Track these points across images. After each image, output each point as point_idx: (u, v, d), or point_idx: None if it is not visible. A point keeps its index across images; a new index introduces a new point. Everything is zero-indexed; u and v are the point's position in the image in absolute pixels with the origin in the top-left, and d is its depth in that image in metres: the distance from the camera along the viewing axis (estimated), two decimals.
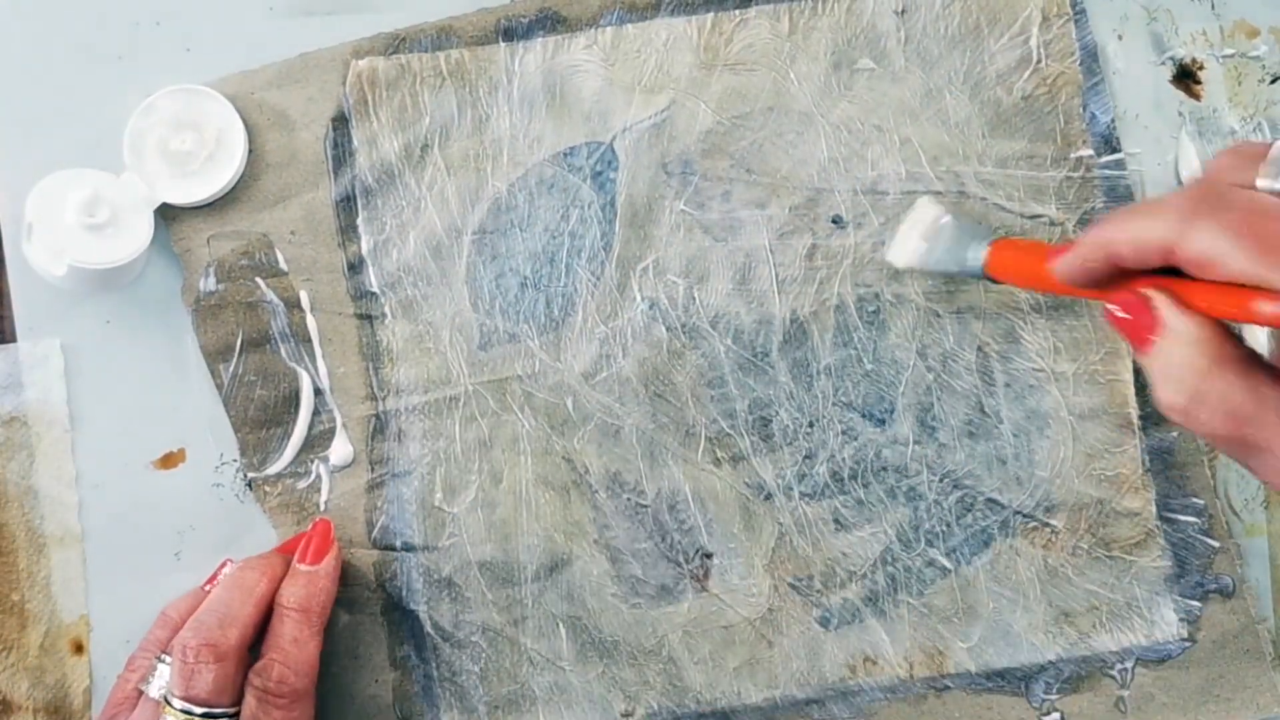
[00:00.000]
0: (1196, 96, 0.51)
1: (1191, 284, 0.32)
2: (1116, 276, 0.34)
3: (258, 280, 0.49)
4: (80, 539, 0.49)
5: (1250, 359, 0.31)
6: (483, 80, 0.50)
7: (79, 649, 0.48)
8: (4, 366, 0.49)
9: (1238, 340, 0.32)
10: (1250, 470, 0.31)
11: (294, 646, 0.43)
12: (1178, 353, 0.32)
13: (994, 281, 0.45)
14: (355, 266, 0.50)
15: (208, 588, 0.47)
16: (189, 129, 0.49)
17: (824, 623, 0.49)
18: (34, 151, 0.49)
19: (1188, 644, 0.49)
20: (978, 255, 0.44)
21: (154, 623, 0.46)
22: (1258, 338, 0.49)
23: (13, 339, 0.49)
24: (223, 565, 0.48)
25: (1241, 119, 0.51)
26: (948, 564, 0.49)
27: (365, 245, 0.50)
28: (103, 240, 0.47)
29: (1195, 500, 0.49)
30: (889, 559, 0.49)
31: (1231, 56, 0.51)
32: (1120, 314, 0.34)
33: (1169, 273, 0.33)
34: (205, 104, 0.49)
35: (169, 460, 0.49)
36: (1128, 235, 0.33)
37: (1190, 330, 0.32)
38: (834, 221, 0.50)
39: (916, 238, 0.47)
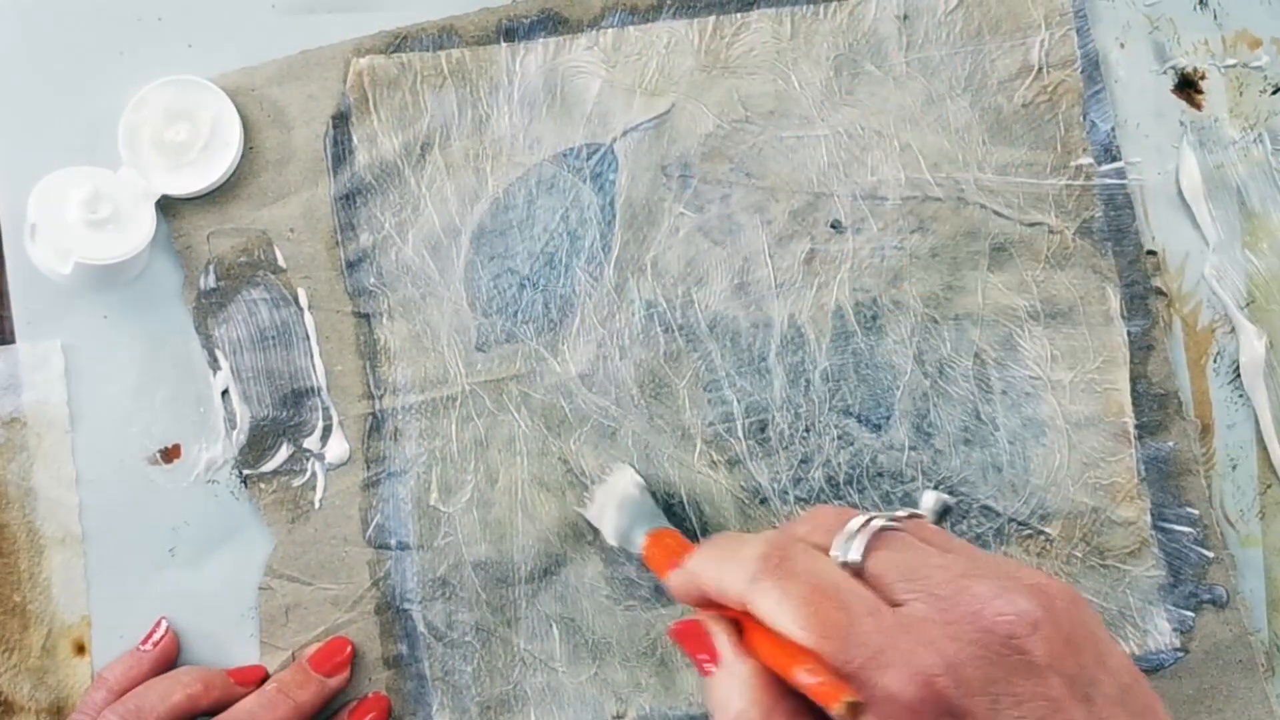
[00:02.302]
0: (1198, 106, 0.51)
1: (763, 635, 0.33)
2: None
3: (257, 277, 0.49)
4: (80, 540, 0.49)
5: (801, 711, 0.32)
6: (483, 80, 0.50)
7: (81, 650, 0.49)
8: (4, 368, 0.49)
9: (785, 690, 0.32)
10: None
11: None
12: (732, 698, 0.32)
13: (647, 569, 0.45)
14: (354, 265, 0.50)
15: (144, 647, 0.48)
16: (183, 120, 0.49)
17: None
18: (33, 150, 0.49)
19: (1180, 654, 0.49)
20: (637, 543, 0.44)
21: (92, 683, 0.47)
22: (1254, 346, 0.49)
23: (12, 340, 0.49)
24: (158, 624, 0.48)
25: (1242, 129, 0.51)
26: None
27: (364, 243, 0.50)
28: (106, 236, 0.47)
29: (1190, 510, 0.49)
30: None
31: (1233, 66, 0.51)
32: (678, 636, 0.35)
33: None
34: (198, 94, 0.49)
35: (165, 456, 0.49)
36: (711, 581, 0.34)
37: (745, 674, 0.33)
38: (833, 226, 0.50)
39: (612, 509, 0.47)
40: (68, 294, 0.49)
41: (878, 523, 0.34)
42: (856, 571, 0.33)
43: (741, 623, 0.34)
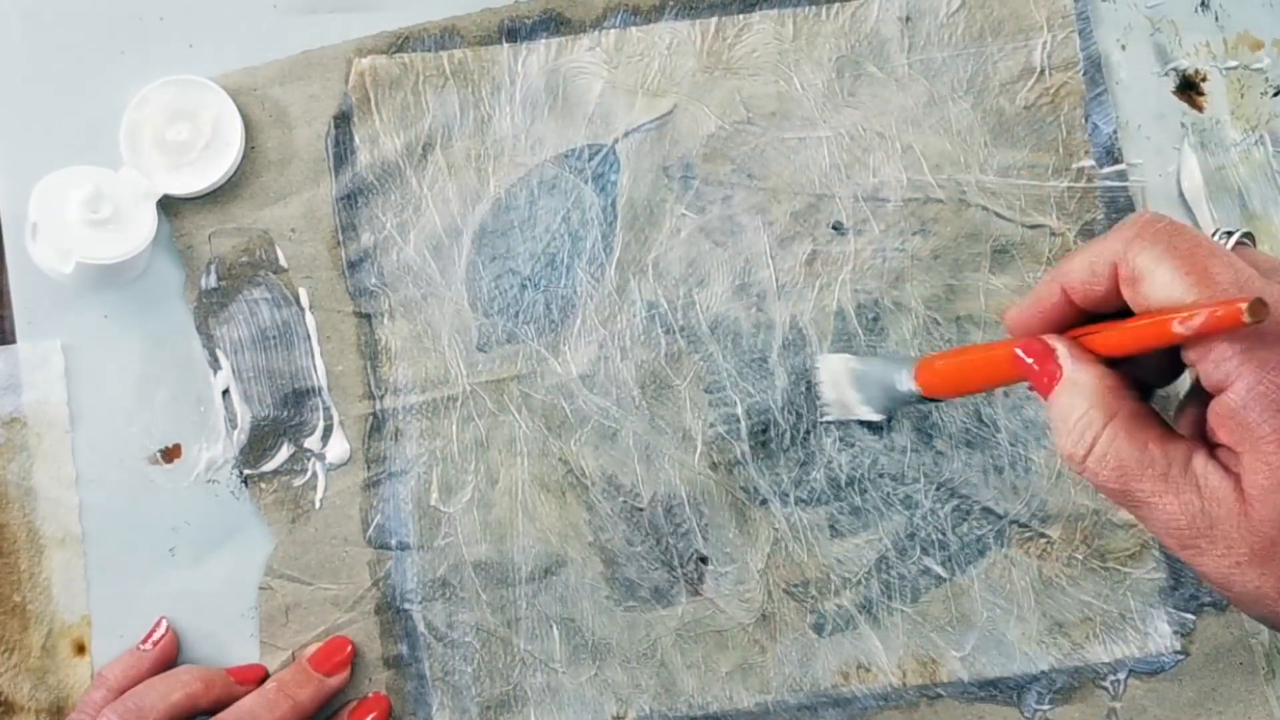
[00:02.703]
0: (1199, 108, 0.51)
1: (1110, 327, 0.33)
2: (1064, 322, 0.35)
3: (258, 277, 0.49)
4: (80, 539, 0.49)
5: (1143, 416, 0.32)
6: (485, 80, 0.50)
7: (81, 650, 0.48)
8: (4, 368, 0.49)
9: (1133, 395, 0.33)
10: (1138, 520, 0.32)
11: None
12: (1075, 405, 0.32)
13: (932, 400, 0.44)
14: (355, 265, 0.50)
15: (144, 647, 0.47)
16: (184, 119, 0.49)
17: (818, 629, 0.49)
18: (34, 150, 0.49)
19: (1181, 656, 0.49)
20: (907, 381, 0.43)
21: (92, 683, 0.47)
22: None
23: (13, 340, 0.49)
24: (158, 623, 0.48)
25: (1244, 131, 0.51)
26: (942, 572, 0.49)
27: (365, 243, 0.50)
28: (108, 235, 0.47)
29: None
30: (884, 566, 0.49)
31: (1234, 68, 0.51)
32: (1025, 359, 0.35)
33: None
34: (199, 94, 0.49)
35: (165, 456, 0.49)
36: (1083, 256, 0.33)
37: (1088, 382, 0.33)
38: (834, 228, 0.50)
39: (847, 391, 0.47)
40: (68, 293, 0.49)
41: (1237, 234, 0.34)
42: None
43: (1081, 340, 0.34)
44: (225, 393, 0.49)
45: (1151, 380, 0.35)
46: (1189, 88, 0.51)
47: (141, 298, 0.49)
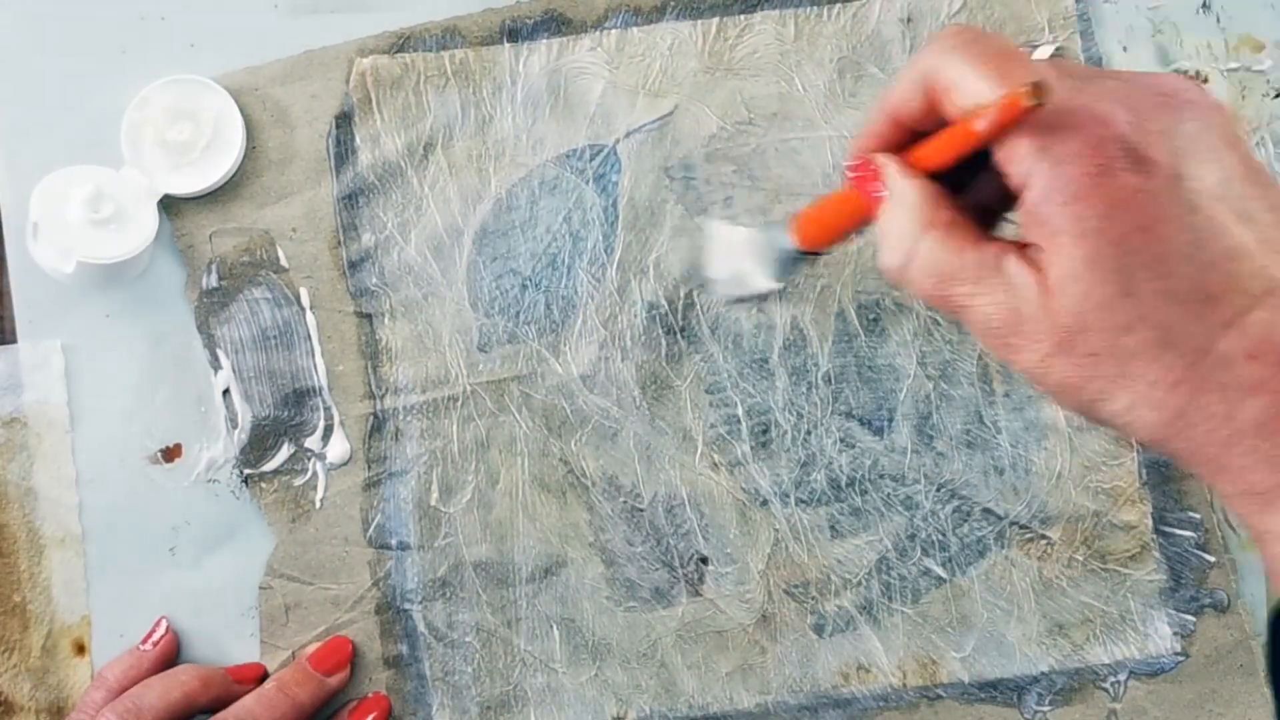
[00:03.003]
0: None
1: (927, 141, 0.34)
2: (899, 148, 0.35)
3: (259, 277, 0.49)
4: (80, 540, 0.49)
5: (959, 224, 0.33)
6: (487, 80, 0.50)
7: (81, 650, 0.48)
8: (4, 368, 0.49)
9: (953, 205, 0.33)
10: (962, 323, 0.33)
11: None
12: (897, 217, 0.33)
13: (813, 254, 0.43)
14: (356, 265, 0.50)
15: (144, 647, 0.48)
16: (185, 119, 0.49)
17: (818, 629, 0.49)
18: (35, 149, 0.49)
19: (1181, 658, 0.49)
20: (787, 239, 0.42)
21: (92, 683, 0.47)
22: None
23: (13, 340, 0.49)
24: (158, 623, 0.48)
25: (1245, 133, 0.51)
26: (943, 573, 0.49)
27: (366, 243, 0.50)
28: (109, 235, 0.47)
29: (1191, 514, 0.49)
30: (884, 567, 0.49)
31: (1236, 70, 0.51)
32: (851, 175, 0.35)
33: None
34: (200, 93, 0.49)
35: (166, 455, 0.49)
36: (902, 77, 0.34)
37: (908, 191, 0.33)
38: None
39: (742, 261, 0.45)
40: (69, 293, 0.49)
41: (1050, 47, 0.34)
42: None
43: (907, 157, 0.34)
44: (226, 392, 0.49)
45: (995, 203, 0.35)
46: None
47: (142, 297, 0.49)
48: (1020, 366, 0.32)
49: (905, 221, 0.33)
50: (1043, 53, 0.33)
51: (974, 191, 0.35)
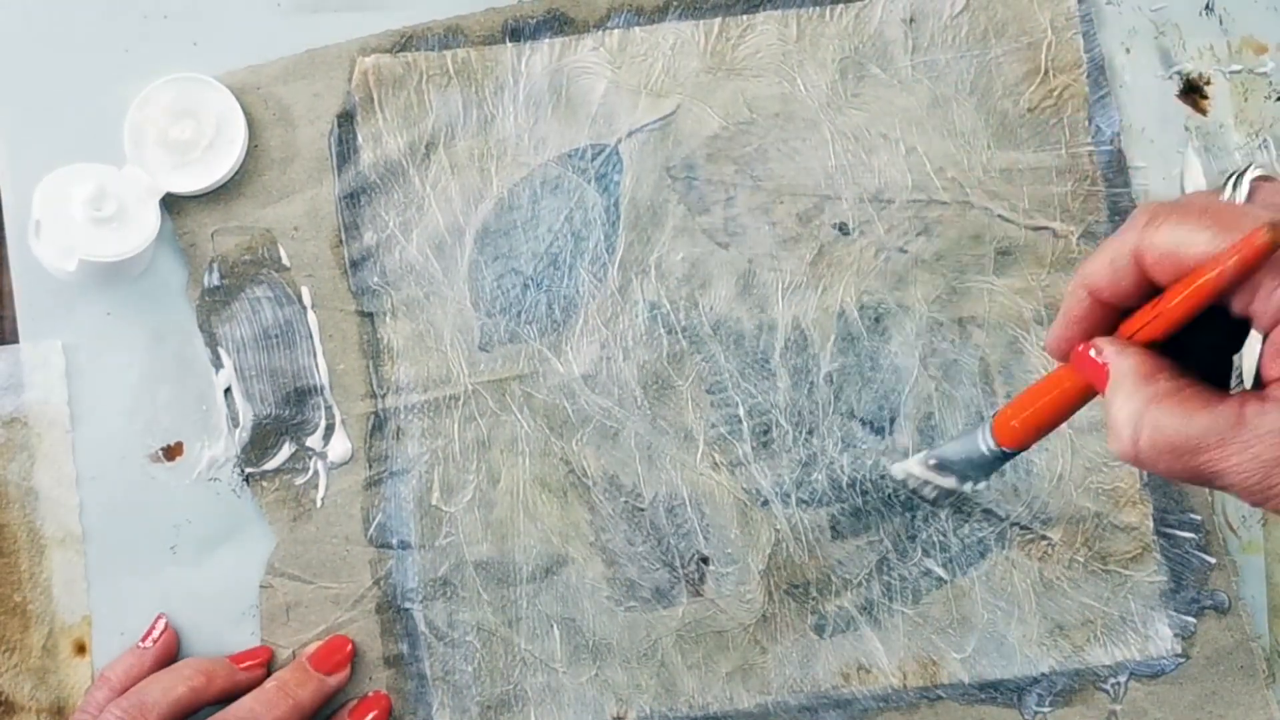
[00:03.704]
0: (1203, 111, 0.51)
1: (1143, 315, 0.33)
2: (1102, 327, 0.34)
3: (261, 276, 0.49)
4: (81, 540, 0.49)
5: (1184, 388, 0.31)
6: (489, 80, 0.50)
7: (81, 649, 0.48)
8: (5, 367, 0.49)
9: (1174, 374, 0.32)
10: (1217, 489, 0.32)
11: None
12: (1117, 398, 0.32)
13: (1015, 452, 0.43)
14: (357, 264, 0.49)
15: (144, 644, 0.48)
16: (188, 118, 0.49)
17: (818, 630, 0.49)
18: (37, 147, 0.49)
19: (1181, 660, 0.49)
20: (988, 443, 0.40)
21: (94, 683, 0.47)
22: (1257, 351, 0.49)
23: (14, 339, 0.49)
24: (156, 621, 0.48)
25: (1247, 135, 0.51)
26: (943, 574, 0.49)
27: (368, 242, 0.50)
28: (111, 233, 0.47)
29: (1192, 516, 0.49)
30: (885, 568, 0.49)
31: (1239, 72, 0.51)
32: (1071, 363, 0.34)
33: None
34: (203, 92, 0.49)
35: (167, 454, 0.49)
36: (1101, 256, 0.33)
37: (1127, 369, 0.32)
38: (838, 229, 0.50)
39: (937, 478, 0.43)
40: (71, 292, 0.49)
41: (1252, 171, 0.33)
42: None
43: (1121, 333, 0.33)
44: (227, 391, 0.49)
45: (1222, 356, 0.34)
46: (1193, 91, 0.51)
47: (144, 296, 0.49)
48: None
49: (1126, 398, 0.31)
50: (1243, 188, 0.33)
51: (1196, 352, 0.33)
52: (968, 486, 0.43)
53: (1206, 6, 0.51)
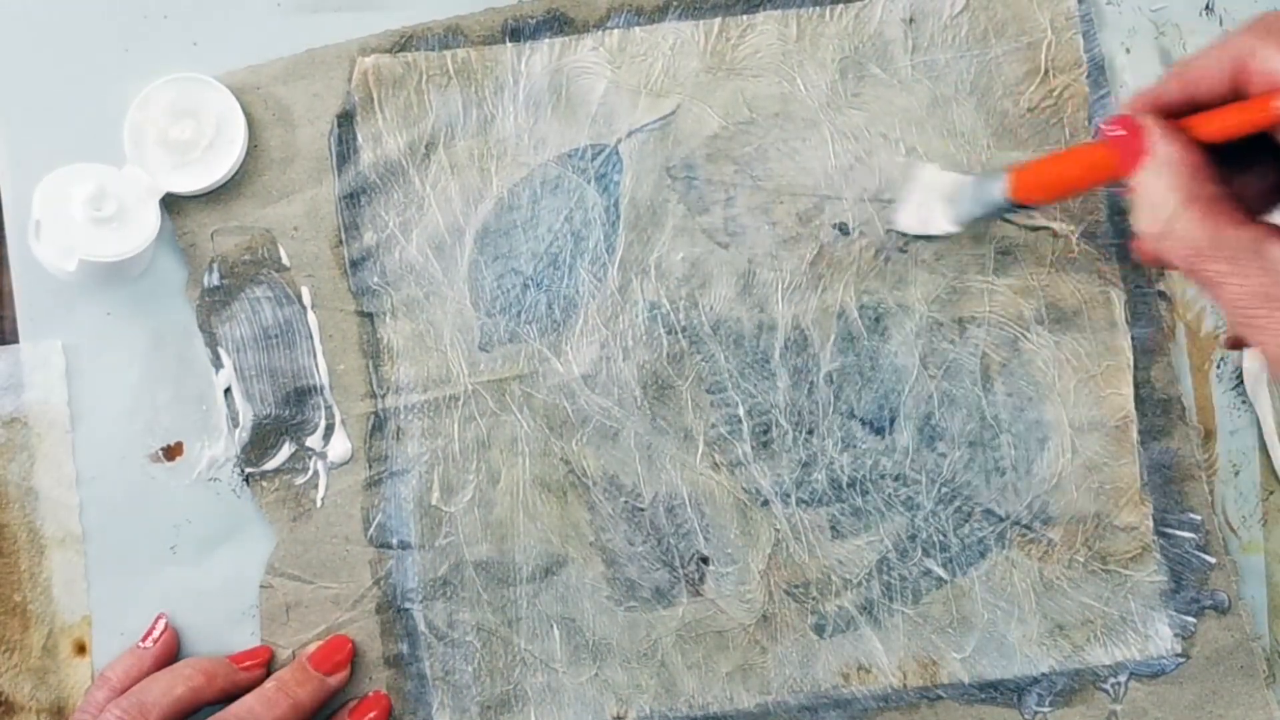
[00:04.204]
0: None
1: (1212, 113, 0.33)
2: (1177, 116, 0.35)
3: (261, 276, 0.49)
4: (81, 540, 0.49)
5: (1221, 199, 0.33)
6: (489, 80, 0.50)
7: (81, 649, 0.49)
8: (5, 368, 0.49)
9: (1215, 179, 0.33)
10: (1206, 293, 0.33)
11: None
12: (1159, 183, 0.33)
13: (1023, 207, 0.44)
14: (357, 264, 0.50)
15: (144, 644, 0.48)
16: (188, 117, 0.49)
17: (819, 630, 0.49)
18: (37, 147, 0.49)
19: (1182, 659, 0.49)
20: (1001, 190, 0.43)
21: (94, 683, 0.47)
22: (1258, 352, 0.49)
23: (14, 340, 0.49)
24: (157, 620, 0.48)
25: None
26: (944, 574, 0.49)
27: (368, 242, 0.50)
28: (111, 233, 0.47)
29: (1193, 516, 0.49)
30: (885, 568, 0.49)
31: None
32: (1116, 132, 0.35)
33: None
34: (203, 92, 0.49)
35: (167, 454, 0.49)
36: (1209, 54, 0.34)
37: (1172, 158, 0.33)
38: (839, 229, 0.50)
39: (935, 202, 0.47)
40: (71, 292, 0.49)
41: None
42: None
43: (1180, 123, 0.34)
44: (227, 391, 0.49)
45: (1264, 201, 0.35)
46: None
47: (144, 296, 0.49)
48: (1263, 344, 0.32)
49: (1167, 189, 0.33)
50: None
51: (1243, 181, 0.35)
52: (942, 224, 0.45)
53: (1206, 6, 0.51)
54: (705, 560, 0.49)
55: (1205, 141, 0.34)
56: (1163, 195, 0.33)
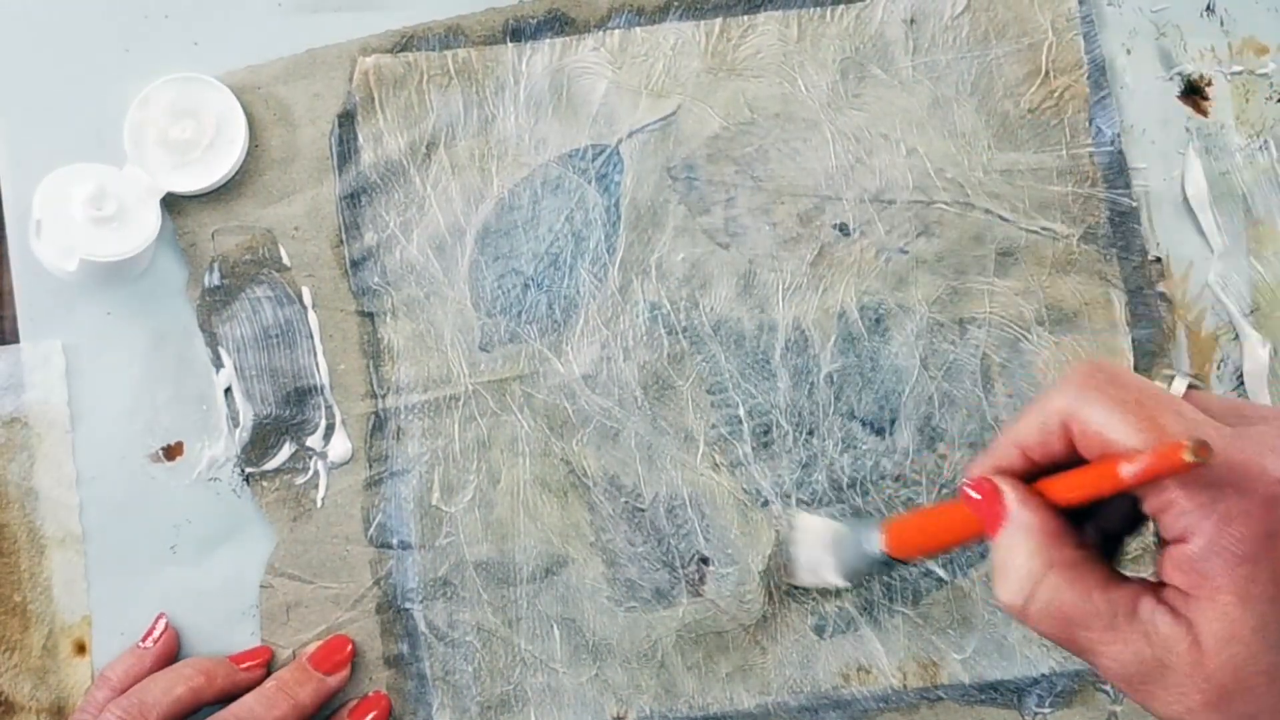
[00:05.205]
0: (1204, 113, 0.51)
1: (1063, 478, 0.33)
2: (1024, 477, 0.35)
3: (261, 275, 0.49)
4: (81, 540, 0.49)
5: (1086, 562, 0.32)
6: (490, 80, 0.50)
7: (81, 649, 0.48)
8: (6, 368, 0.49)
9: (1076, 543, 0.32)
10: (1087, 663, 0.32)
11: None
12: (1018, 550, 0.32)
13: (901, 563, 0.44)
14: (358, 264, 0.49)
15: (145, 644, 0.48)
16: (188, 117, 0.49)
17: (818, 630, 0.49)
18: (38, 147, 0.49)
19: None
20: (875, 543, 0.42)
21: (94, 682, 0.47)
22: (1258, 353, 0.49)
23: (14, 340, 0.49)
24: (157, 620, 0.48)
25: (1248, 136, 0.51)
26: (944, 575, 0.49)
27: (369, 242, 0.50)
28: (111, 233, 0.47)
29: None
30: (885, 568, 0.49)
31: (1240, 73, 0.51)
32: (973, 494, 0.34)
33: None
34: (203, 92, 0.49)
35: (167, 454, 0.49)
36: (1033, 416, 0.33)
37: (1031, 524, 0.32)
38: (839, 230, 0.50)
39: (822, 555, 0.46)
40: (71, 292, 0.49)
41: (1182, 381, 0.34)
42: None
43: (1034, 486, 0.33)
44: (227, 391, 0.49)
45: (1119, 529, 0.35)
46: (1194, 92, 0.51)
47: (144, 295, 0.49)
48: (1156, 710, 0.31)
49: (1027, 556, 0.32)
50: (1179, 386, 0.33)
51: (1097, 519, 0.34)
52: (833, 578, 0.44)
53: (1207, 8, 0.51)
54: (705, 561, 0.49)
55: (1062, 505, 0.33)
56: (1024, 561, 0.32)
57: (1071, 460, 0.33)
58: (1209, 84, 0.51)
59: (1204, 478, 0.29)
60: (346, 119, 0.50)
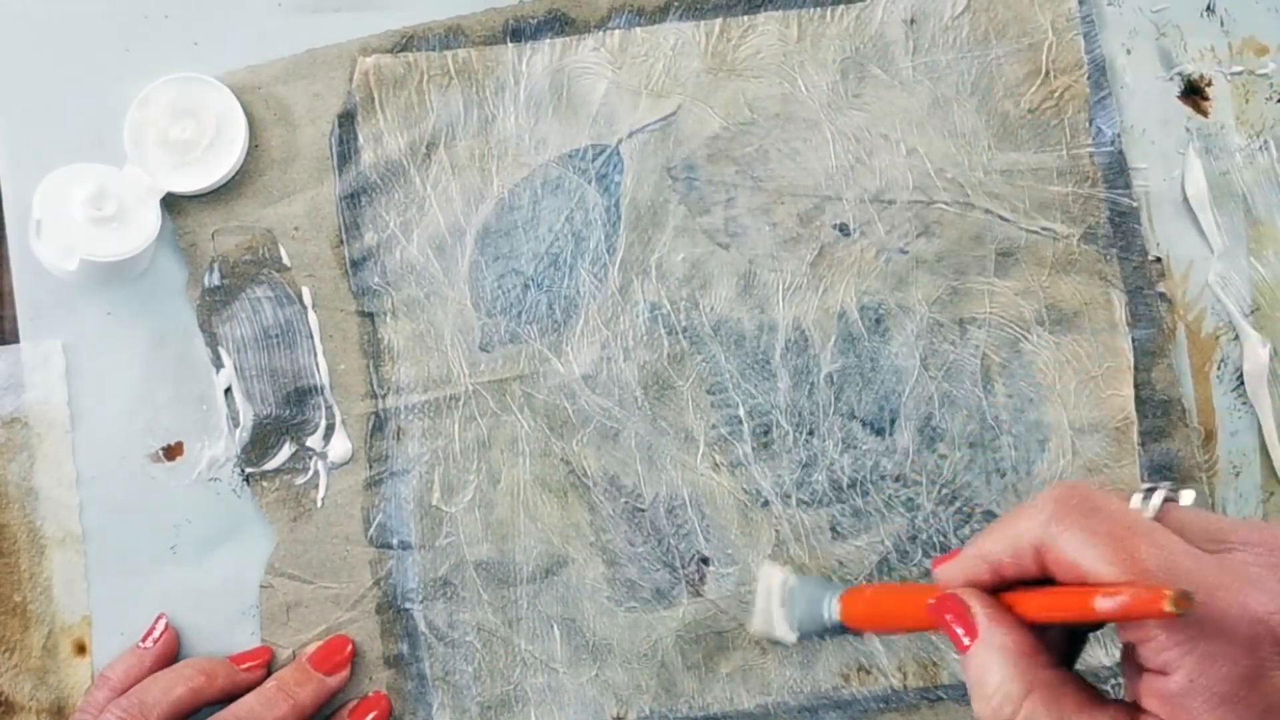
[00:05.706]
0: (1204, 113, 0.51)
1: (1035, 591, 0.32)
2: (992, 588, 0.34)
3: (261, 276, 0.49)
4: (81, 540, 0.49)
5: (1062, 684, 0.32)
6: (490, 80, 0.50)
7: (81, 649, 0.48)
8: (6, 367, 0.49)
9: (1050, 661, 0.32)
10: None
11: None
12: (991, 669, 0.32)
13: (855, 633, 0.43)
14: (358, 264, 0.49)
15: (145, 644, 0.48)
16: (188, 117, 0.49)
17: None
18: (38, 147, 0.49)
19: None
20: (832, 609, 0.41)
21: (94, 683, 0.47)
22: (1258, 353, 0.49)
23: (14, 340, 0.49)
24: (157, 620, 0.48)
25: (1248, 136, 0.51)
26: None
27: (369, 242, 0.50)
28: (111, 233, 0.47)
29: None
30: (886, 568, 0.49)
31: (1240, 73, 0.51)
32: (942, 615, 0.34)
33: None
34: (203, 92, 0.49)
35: (167, 454, 0.49)
36: (1004, 537, 0.33)
37: (1005, 645, 0.32)
38: (839, 230, 0.50)
39: (775, 606, 0.44)
40: (71, 292, 0.49)
41: (1159, 496, 0.33)
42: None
43: (1003, 599, 0.33)
44: (227, 391, 0.49)
45: (1083, 631, 0.35)
46: (1194, 93, 0.51)
47: (144, 295, 0.49)
48: None
49: (1003, 678, 0.31)
50: (1156, 501, 0.33)
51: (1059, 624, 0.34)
52: (782, 631, 0.43)
53: (1208, 8, 0.51)
54: (706, 561, 0.49)
55: (1031, 622, 0.32)
56: (1000, 682, 0.31)
57: (1043, 578, 0.32)
58: (1209, 84, 0.51)
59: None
60: (346, 119, 0.50)
